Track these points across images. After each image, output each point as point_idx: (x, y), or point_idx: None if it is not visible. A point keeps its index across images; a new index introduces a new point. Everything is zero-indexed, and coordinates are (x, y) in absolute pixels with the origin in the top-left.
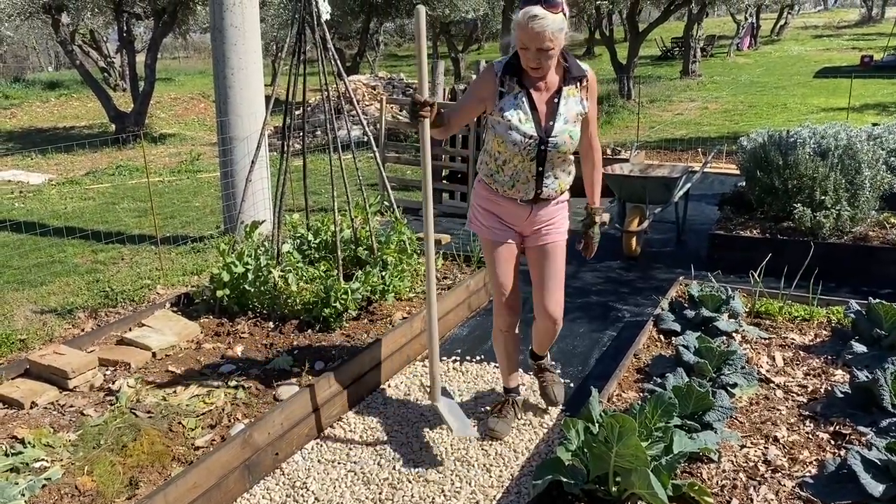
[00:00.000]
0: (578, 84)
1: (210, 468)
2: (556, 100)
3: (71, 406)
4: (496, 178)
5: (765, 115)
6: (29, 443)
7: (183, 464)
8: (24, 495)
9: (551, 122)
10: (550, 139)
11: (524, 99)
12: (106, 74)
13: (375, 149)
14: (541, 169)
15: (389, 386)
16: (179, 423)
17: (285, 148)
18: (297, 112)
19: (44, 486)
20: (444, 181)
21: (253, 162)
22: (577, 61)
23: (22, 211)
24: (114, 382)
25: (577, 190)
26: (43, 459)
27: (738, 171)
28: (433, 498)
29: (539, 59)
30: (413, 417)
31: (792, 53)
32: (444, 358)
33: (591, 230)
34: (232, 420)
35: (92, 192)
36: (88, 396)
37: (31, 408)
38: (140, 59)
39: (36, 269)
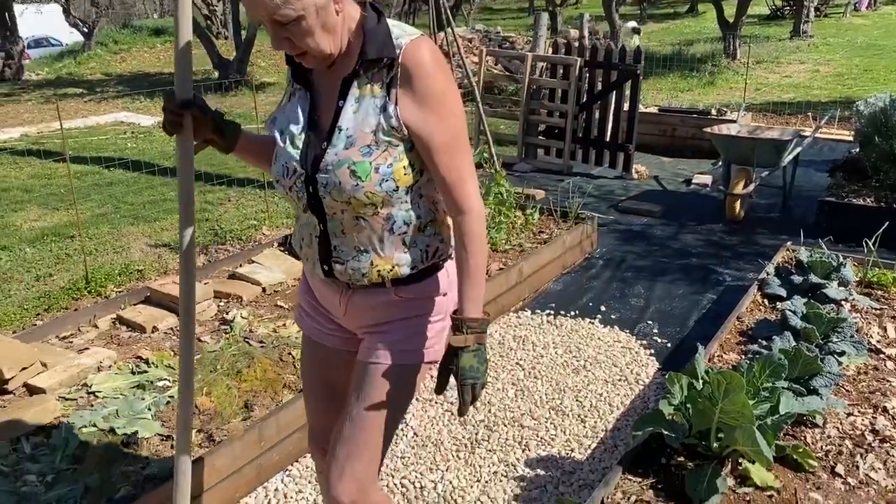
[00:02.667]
0: (385, 74)
1: None
2: (340, 103)
3: None
4: (294, 234)
5: (881, 80)
6: (152, 363)
7: (293, 391)
8: (150, 409)
9: (325, 144)
10: (319, 175)
11: (302, 103)
12: (209, 22)
13: (479, 100)
14: (323, 228)
15: None
16: (289, 353)
17: None
18: None
19: (167, 402)
20: (541, 136)
21: None
22: (403, 30)
23: (134, 150)
24: (227, 313)
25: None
26: (165, 379)
27: (850, 138)
28: (528, 442)
29: (280, 38)
30: (509, 365)
31: None
32: (538, 311)
33: (456, 360)
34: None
35: None
36: (204, 325)
37: (153, 332)
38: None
39: (150, 205)
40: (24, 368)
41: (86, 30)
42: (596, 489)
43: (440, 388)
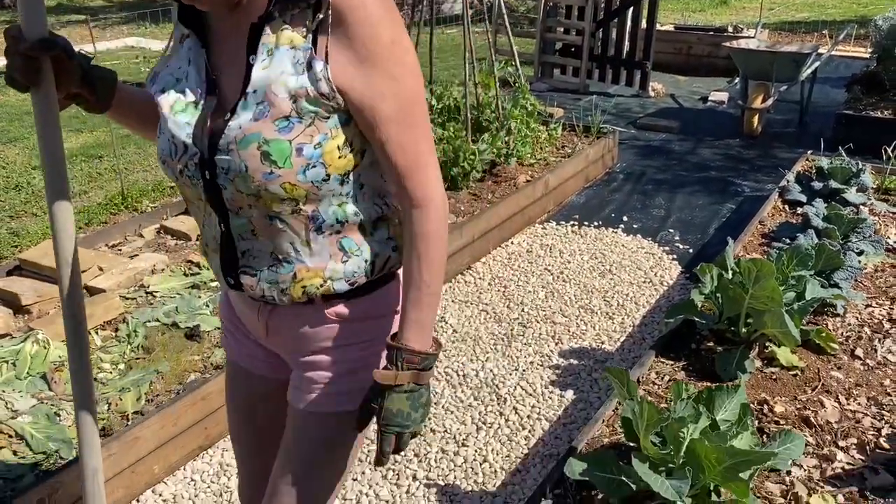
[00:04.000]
0: (309, 17)
1: None
2: (250, 58)
3: None
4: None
5: None
6: (204, 266)
7: None
8: (208, 306)
9: (227, 115)
10: (218, 157)
11: (194, 55)
12: None
13: (506, 17)
14: (223, 228)
15: (512, 243)
16: None
17: (421, 15)
18: None
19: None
20: (557, 54)
21: None
22: None
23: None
24: None
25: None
26: (216, 280)
27: (866, 55)
28: (560, 336)
29: None
30: (538, 271)
31: None
32: (563, 222)
33: (380, 400)
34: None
35: None
36: None
37: (198, 239)
38: None
39: None
40: (83, 271)
41: None
42: (632, 369)
43: (361, 425)
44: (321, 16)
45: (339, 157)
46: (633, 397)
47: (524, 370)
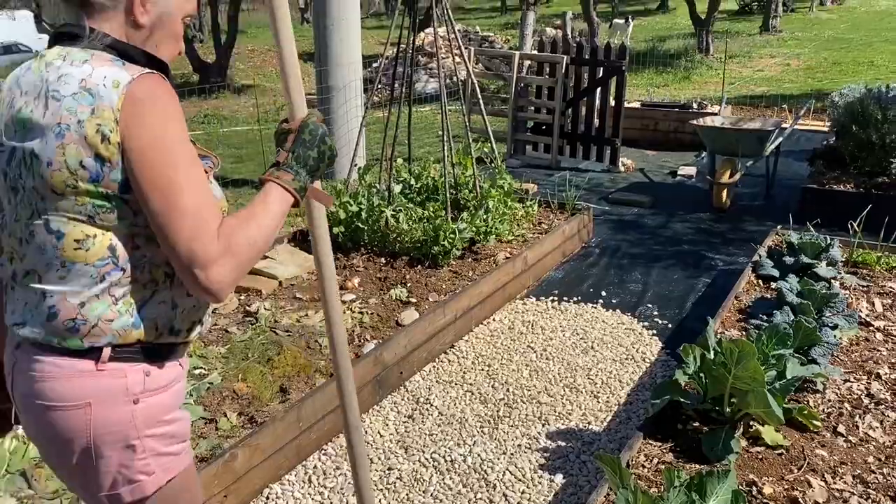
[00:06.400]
0: None
1: None
2: None
3: (215, 325)
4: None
5: (850, 73)
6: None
7: (324, 375)
8: (192, 395)
9: None
10: None
11: None
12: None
13: (480, 98)
14: None
15: (494, 320)
16: (316, 341)
17: (400, 95)
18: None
19: (207, 388)
20: (529, 132)
21: (366, 108)
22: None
23: None
24: (249, 305)
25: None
26: (201, 367)
27: (825, 128)
28: (546, 417)
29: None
30: (521, 348)
31: (880, 8)
32: (543, 297)
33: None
34: (362, 340)
35: None
36: (229, 317)
37: None
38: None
39: None
40: None
41: None
42: (622, 452)
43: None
44: None
45: None
46: (625, 486)
47: (512, 453)
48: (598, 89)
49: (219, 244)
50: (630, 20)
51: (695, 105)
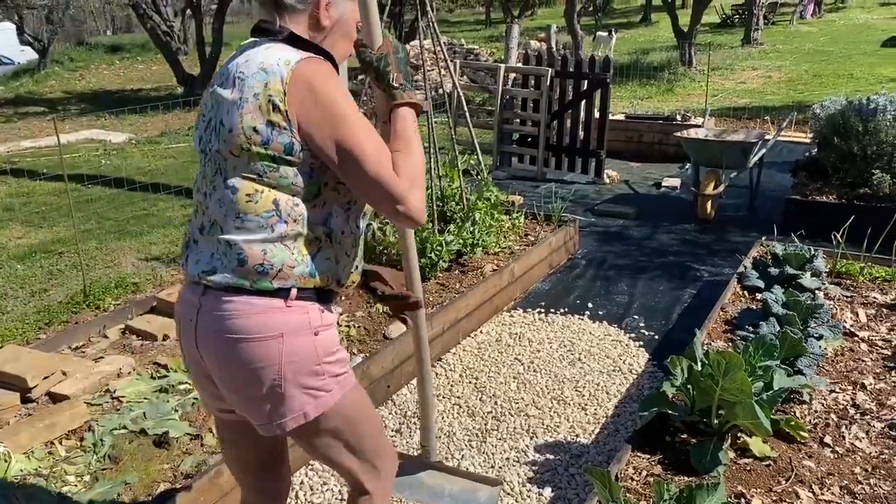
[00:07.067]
0: None
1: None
2: None
3: None
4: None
5: (830, 85)
6: (171, 369)
7: None
8: (177, 411)
9: None
10: None
11: None
12: (168, 38)
13: (466, 110)
14: None
15: (481, 332)
16: None
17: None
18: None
19: (192, 403)
20: (515, 144)
21: None
22: None
23: (110, 167)
24: None
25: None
26: (185, 383)
27: (807, 140)
28: (534, 430)
29: None
30: (508, 361)
31: (858, 21)
32: (530, 309)
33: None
34: (349, 354)
35: (171, 152)
36: None
37: (164, 340)
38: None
39: (133, 221)
40: (45, 377)
41: (40, 48)
42: (611, 465)
43: None
44: None
45: None
46: (615, 499)
47: (500, 467)
48: (583, 101)
49: (402, 179)
50: (613, 33)
51: (678, 117)
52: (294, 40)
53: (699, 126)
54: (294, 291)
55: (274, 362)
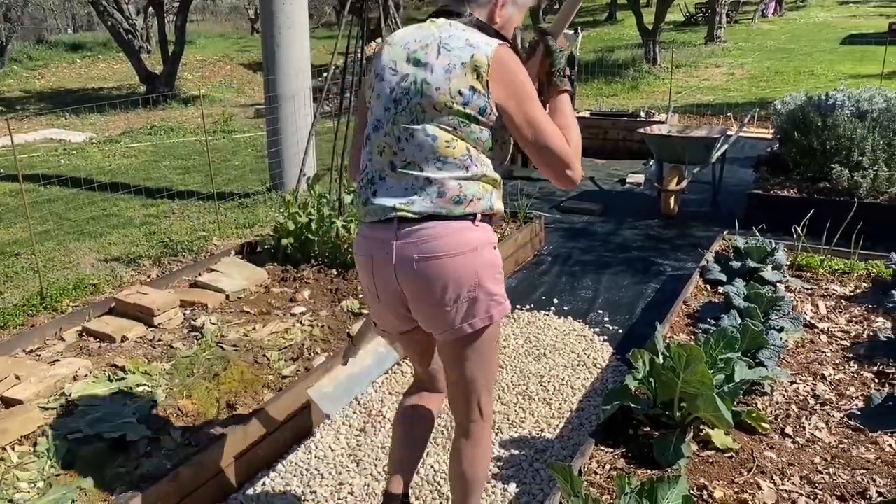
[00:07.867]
0: None
1: (298, 394)
2: None
3: (160, 340)
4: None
5: (791, 82)
6: (129, 370)
7: (273, 390)
8: (135, 414)
9: None
10: None
11: None
12: (130, 36)
13: None
14: None
15: None
16: (264, 355)
17: (350, 104)
18: (335, 72)
19: (151, 406)
20: None
21: (315, 117)
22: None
23: (69, 167)
24: (195, 320)
25: None
26: (144, 385)
27: (769, 136)
28: (499, 426)
29: None
30: None
31: (818, 20)
32: None
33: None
34: (312, 354)
35: (133, 151)
36: (174, 332)
37: (122, 342)
38: (167, 21)
39: (92, 221)
40: None
41: None
42: (574, 459)
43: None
44: None
45: None
46: (577, 493)
47: None
48: None
49: (569, 148)
50: (579, 31)
51: (643, 114)
52: (482, 27)
53: (662, 122)
54: (480, 216)
55: (471, 271)
